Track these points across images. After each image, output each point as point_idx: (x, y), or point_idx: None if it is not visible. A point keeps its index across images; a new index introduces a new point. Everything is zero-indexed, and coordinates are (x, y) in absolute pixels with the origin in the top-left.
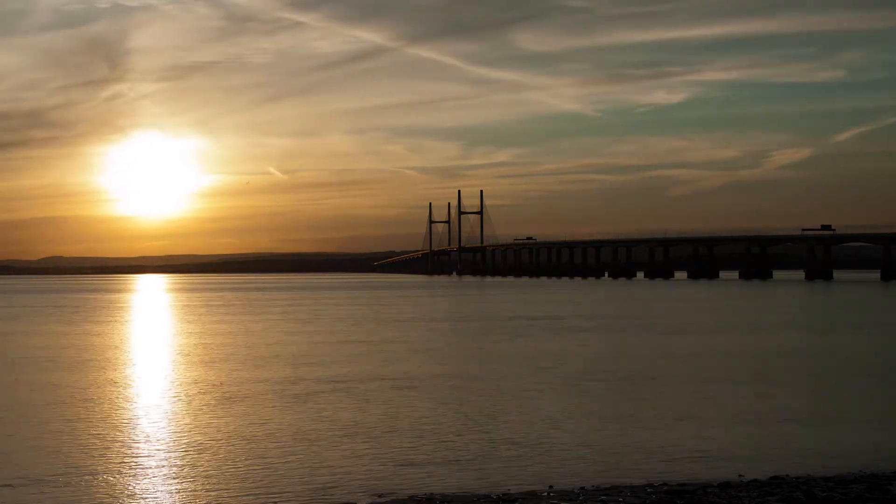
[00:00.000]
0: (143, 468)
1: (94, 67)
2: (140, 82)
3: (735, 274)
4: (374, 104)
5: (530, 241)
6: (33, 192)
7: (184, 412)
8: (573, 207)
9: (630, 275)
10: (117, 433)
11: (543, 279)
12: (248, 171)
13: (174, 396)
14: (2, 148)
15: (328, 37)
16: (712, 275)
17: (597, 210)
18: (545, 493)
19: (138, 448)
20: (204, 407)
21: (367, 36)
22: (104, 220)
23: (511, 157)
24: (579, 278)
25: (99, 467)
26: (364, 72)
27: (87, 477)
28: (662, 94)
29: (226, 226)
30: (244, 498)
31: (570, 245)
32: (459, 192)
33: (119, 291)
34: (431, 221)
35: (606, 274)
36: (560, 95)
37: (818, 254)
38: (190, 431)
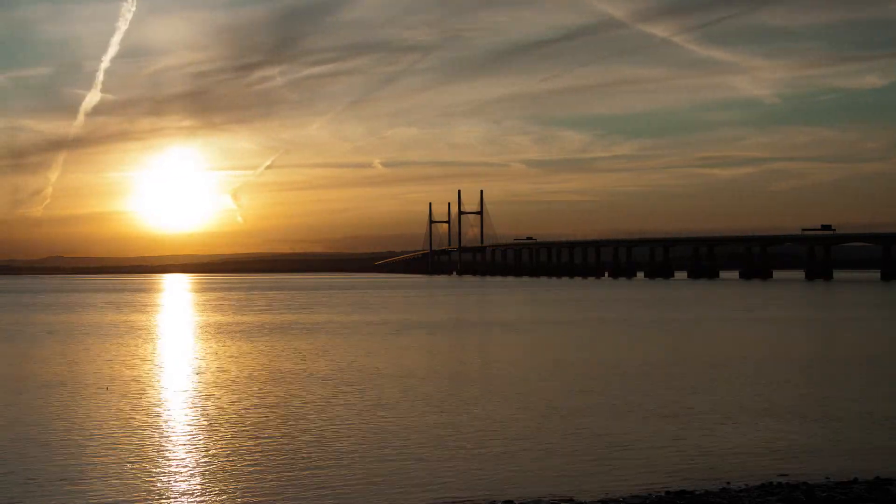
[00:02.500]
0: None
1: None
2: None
3: (735, 274)
4: (517, 92)
5: (530, 240)
6: None
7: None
8: (654, 204)
9: (630, 275)
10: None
11: (543, 279)
12: (352, 163)
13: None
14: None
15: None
16: (712, 275)
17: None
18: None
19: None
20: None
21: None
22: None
23: (634, 149)
24: (579, 278)
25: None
26: (542, 55)
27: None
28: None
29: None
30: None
31: (571, 245)
32: (459, 192)
33: (149, 291)
34: (431, 221)
35: (606, 274)
36: (758, 80)
37: (818, 254)
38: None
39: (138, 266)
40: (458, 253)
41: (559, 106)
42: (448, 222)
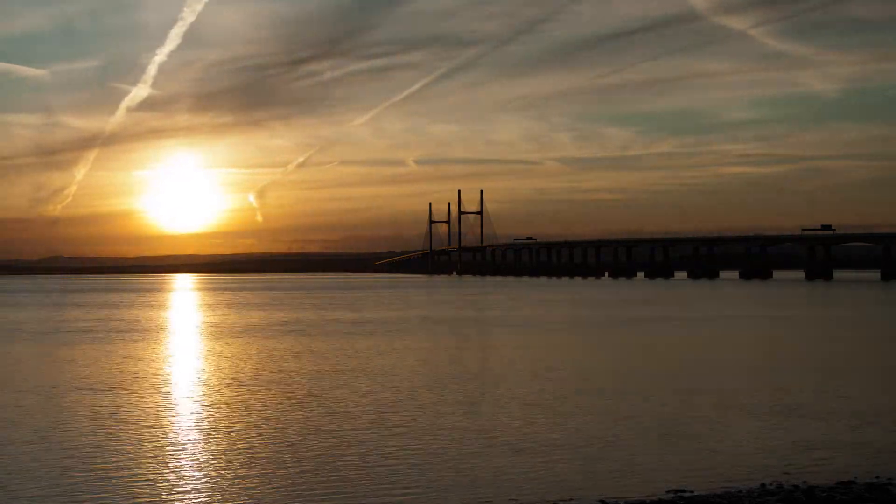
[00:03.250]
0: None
1: None
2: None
3: (735, 274)
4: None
5: (530, 240)
6: None
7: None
8: (670, 203)
9: (630, 275)
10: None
11: (543, 279)
12: (386, 161)
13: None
14: None
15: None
16: (712, 275)
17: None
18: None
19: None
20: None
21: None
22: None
23: (673, 146)
24: (579, 278)
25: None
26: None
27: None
28: None
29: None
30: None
31: (570, 245)
32: (459, 192)
33: (161, 291)
34: (432, 221)
35: (606, 274)
36: (825, 75)
37: (818, 254)
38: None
39: (136, 266)
40: (458, 253)
41: (609, 103)
42: (448, 222)
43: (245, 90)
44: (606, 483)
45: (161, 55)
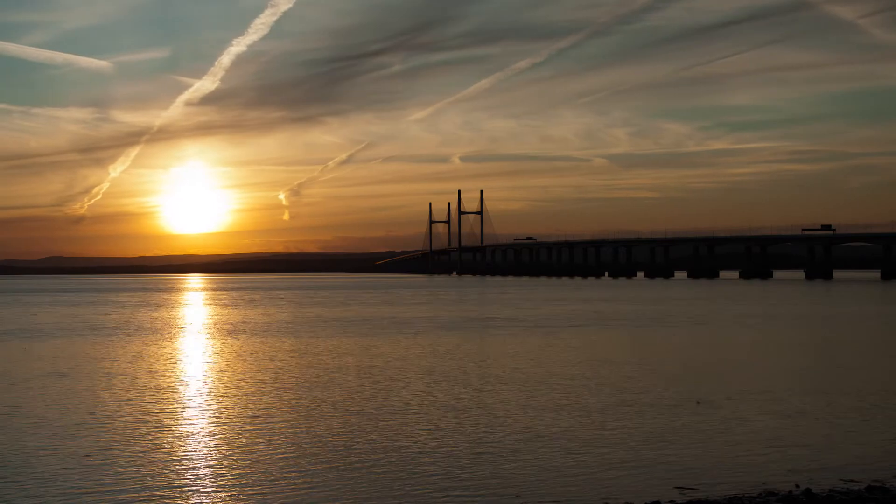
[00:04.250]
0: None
1: None
2: None
3: (735, 274)
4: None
5: (530, 240)
6: None
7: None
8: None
9: (630, 274)
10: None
11: (543, 279)
12: (431, 157)
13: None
14: None
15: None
16: (712, 274)
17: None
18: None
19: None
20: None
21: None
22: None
23: (730, 142)
24: (579, 278)
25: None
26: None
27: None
28: None
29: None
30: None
31: (570, 245)
32: (459, 191)
33: (177, 291)
34: (431, 221)
35: (606, 274)
36: None
37: (818, 254)
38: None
39: (137, 266)
40: (458, 253)
41: (678, 97)
42: (448, 222)
43: (305, 84)
44: (602, 485)
45: (239, 45)
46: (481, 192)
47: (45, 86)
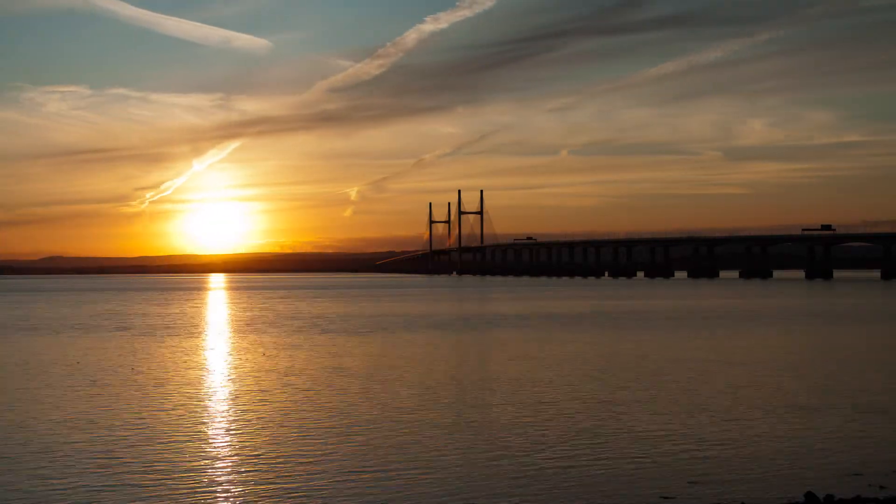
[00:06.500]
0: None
1: None
2: None
3: (735, 273)
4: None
5: (530, 240)
6: None
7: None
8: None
9: (630, 274)
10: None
11: (543, 279)
12: (537, 151)
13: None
14: None
15: None
16: (712, 274)
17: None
18: None
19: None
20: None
21: None
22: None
23: (865, 134)
24: (579, 278)
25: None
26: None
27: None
28: None
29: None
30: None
31: (570, 245)
32: (459, 191)
33: (196, 289)
34: (431, 221)
35: (606, 274)
36: None
37: (818, 253)
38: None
39: (138, 267)
40: (458, 253)
41: (838, 84)
42: (448, 222)
43: (450, 71)
44: (596, 488)
45: (421, 30)
46: (481, 192)
47: None
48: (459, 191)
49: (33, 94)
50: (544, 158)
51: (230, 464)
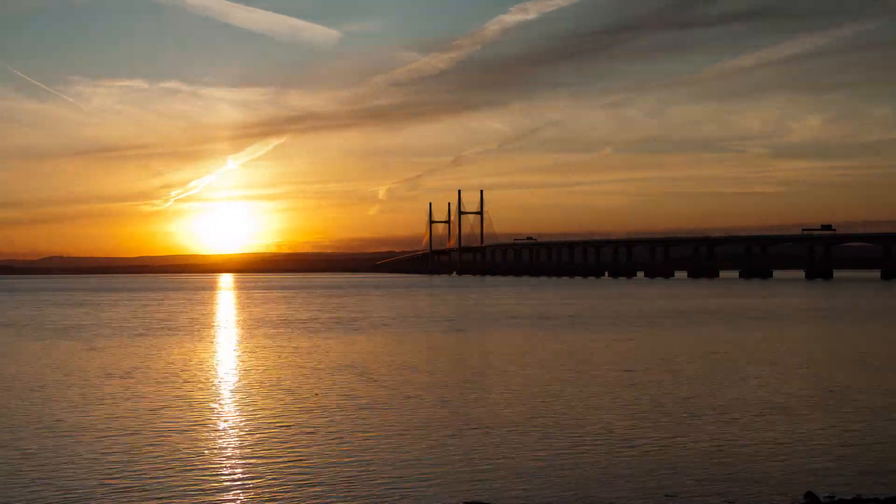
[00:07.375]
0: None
1: None
2: None
3: (735, 273)
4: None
5: (530, 240)
6: None
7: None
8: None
9: (630, 274)
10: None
11: (543, 278)
12: (580, 148)
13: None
14: None
15: None
16: (712, 274)
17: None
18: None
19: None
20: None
21: None
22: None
23: None
24: (579, 278)
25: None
26: None
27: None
28: None
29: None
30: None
31: (571, 245)
32: (459, 191)
33: (209, 289)
34: (431, 221)
35: (606, 273)
36: None
37: (818, 253)
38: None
39: (138, 267)
40: (458, 253)
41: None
42: (448, 222)
43: (518, 63)
44: (594, 489)
45: (515, 15)
46: (481, 192)
47: None
48: (459, 191)
49: (85, 87)
50: (585, 156)
51: (231, 464)
